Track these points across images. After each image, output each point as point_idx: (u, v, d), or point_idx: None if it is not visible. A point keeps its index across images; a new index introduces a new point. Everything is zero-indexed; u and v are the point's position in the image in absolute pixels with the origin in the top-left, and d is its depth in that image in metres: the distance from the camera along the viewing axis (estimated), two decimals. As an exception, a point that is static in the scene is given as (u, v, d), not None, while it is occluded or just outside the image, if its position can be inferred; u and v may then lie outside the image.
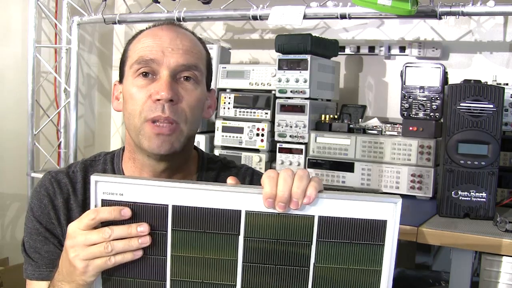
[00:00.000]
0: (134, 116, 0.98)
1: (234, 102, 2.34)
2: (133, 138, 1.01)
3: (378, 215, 0.77)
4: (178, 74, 0.99)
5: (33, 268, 1.03)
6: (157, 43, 0.99)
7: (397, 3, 1.91)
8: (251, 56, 2.80)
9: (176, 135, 0.97)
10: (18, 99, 2.73)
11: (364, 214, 0.77)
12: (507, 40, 2.28)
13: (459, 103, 1.66)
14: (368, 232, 0.77)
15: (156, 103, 0.96)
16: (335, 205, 0.77)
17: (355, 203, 0.77)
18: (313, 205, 0.76)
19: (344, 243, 0.77)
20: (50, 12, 2.88)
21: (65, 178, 1.06)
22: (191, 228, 0.78)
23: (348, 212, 0.77)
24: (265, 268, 0.78)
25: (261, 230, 0.77)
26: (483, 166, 1.65)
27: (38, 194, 1.05)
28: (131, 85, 0.99)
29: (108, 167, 1.09)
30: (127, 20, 2.65)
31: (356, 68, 2.59)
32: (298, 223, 0.77)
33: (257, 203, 0.77)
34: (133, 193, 0.79)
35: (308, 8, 2.20)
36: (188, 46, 1.01)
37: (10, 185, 2.76)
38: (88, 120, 3.14)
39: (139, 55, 0.99)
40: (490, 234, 1.49)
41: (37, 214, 1.03)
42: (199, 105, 1.02)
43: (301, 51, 2.17)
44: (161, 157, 1.00)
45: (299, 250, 0.77)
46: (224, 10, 2.38)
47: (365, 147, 2.04)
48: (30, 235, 1.04)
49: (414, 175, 1.95)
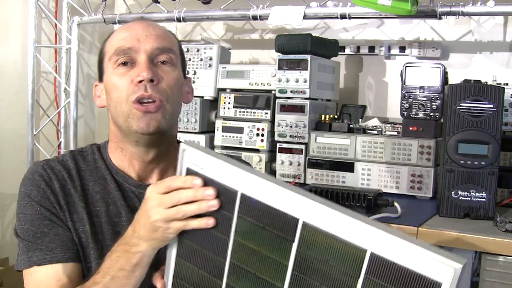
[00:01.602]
0: (121, 102, 1.03)
1: (234, 102, 2.34)
2: (121, 125, 1.05)
3: (434, 275, 0.66)
4: (155, 58, 1.05)
5: (43, 253, 1.00)
6: (132, 33, 1.06)
7: (397, 3, 1.91)
8: (251, 56, 2.80)
9: (161, 113, 1.03)
10: (18, 99, 2.73)
11: (419, 267, 0.67)
12: (507, 40, 2.28)
13: (459, 103, 1.66)
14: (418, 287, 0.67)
15: (138, 85, 1.02)
16: (391, 244, 0.68)
17: (412, 251, 0.67)
18: (368, 237, 0.69)
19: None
20: (50, 12, 2.88)
21: (58, 165, 1.07)
22: (254, 220, 0.79)
23: (402, 258, 0.68)
24: (311, 284, 0.75)
25: (314, 245, 0.74)
26: (483, 166, 1.65)
27: (33, 181, 1.04)
28: (112, 76, 1.05)
29: (97, 156, 1.12)
30: (127, 20, 2.64)
31: (356, 68, 2.59)
32: (350, 251, 0.71)
33: (316, 215, 0.73)
34: (212, 169, 0.81)
35: (308, 8, 2.20)
36: (160, 32, 1.09)
37: (10, 185, 2.76)
38: (88, 120, 3.14)
39: (116, 46, 1.06)
40: (490, 234, 1.49)
41: (37, 199, 1.03)
42: (178, 86, 1.08)
43: (301, 51, 2.17)
44: (150, 140, 1.05)
45: (346, 279, 0.72)
46: (224, 10, 2.38)
47: (365, 147, 2.04)
48: (32, 221, 1.02)
49: (414, 175, 1.95)
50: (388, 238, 0.68)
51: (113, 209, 1.06)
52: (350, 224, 0.71)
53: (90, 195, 1.06)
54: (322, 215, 0.73)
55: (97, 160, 1.11)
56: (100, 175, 1.09)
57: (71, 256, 1.01)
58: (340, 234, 0.72)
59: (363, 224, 0.70)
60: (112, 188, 1.08)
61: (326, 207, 0.72)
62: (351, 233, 0.71)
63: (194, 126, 2.39)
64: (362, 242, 0.70)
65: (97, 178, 1.08)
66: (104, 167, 1.10)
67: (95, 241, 1.03)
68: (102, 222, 1.05)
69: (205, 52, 2.42)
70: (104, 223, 1.05)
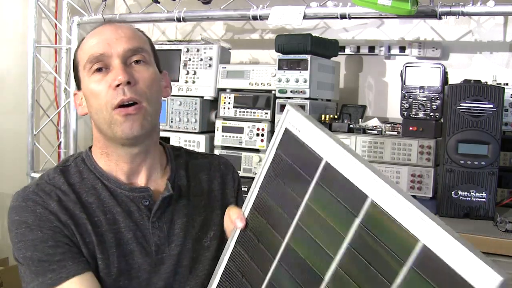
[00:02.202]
0: (101, 109, 1.03)
1: (234, 102, 2.34)
2: (104, 131, 1.05)
3: (479, 283, 0.63)
4: (128, 60, 1.05)
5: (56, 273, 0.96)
6: (102, 38, 1.06)
7: (397, 3, 1.91)
8: (251, 56, 2.80)
9: (142, 114, 1.03)
10: (18, 99, 2.74)
11: (465, 272, 0.65)
12: (507, 40, 2.28)
13: (459, 103, 1.66)
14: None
15: (116, 90, 1.01)
16: (444, 240, 0.68)
17: (464, 254, 0.65)
18: (423, 227, 0.69)
19: (431, 286, 0.67)
20: (50, 12, 2.88)
21: (48, 186, 1.05)
22: (329, 189, 0.80)
23: (452, 258, 0.66)
24: (360, 260, 0.76)
25: (376, 226, 0.75)
26: (483, 166, 1.65)
27: (26, 208, 1.01)
28: (89, 83, 1.05)
29: (81, 168, 1.10)
30: (127, 20, 2.64)
31: (356, 68, 2.59)
32: (404, 237, 0.71)
33: (384, 197, 0.73)
34: (307, 134, 0.84)
35: (308, 8, 2.20)
36: (129, 33, 1.08)
37: (10, 185, 2.74)
38: (88, 120, 3.11)
39: (89, 54, 1.05)
40: (490, 234, 1.49)
41: (35, 223, 0.99)
42: (155, 83, 1.08)
43: (301, 51, 2.17)
44: (136, 140, 1.05)
45: (392, 264, 0.72)
46: (224, 10, 2.38)
47: (365, 147, 2.04)
48: (34, 246, 0.98)
49: (414, 175, 1.95)
50: (444, 236, 0.68)
51: (110, 217, 1.05)
52: (413, 212, 0.72)
53: (87, 206, 1.05)
54: (390, 198, 0.74)
55: (83, 172, 1.09)
56: (90, 186, 1.07)
57: (84, 266, 0.99)
58: (400, 219, 0.73)
59: (423, 215, 0.71)
60: (105, 196, 1.07)
61: (395, 191, 0.73)
62: (410, 221, 0.72)
63: (194, 126, 2.39)
64: (418, 232, 0.70)
65: (87, 189, 1.07)
66: (93, 177, 1.08)
67: (101, 251, 1.02)
68: (103, 231, 1.03)
69: (205, 52, 2.42)
70: (105, 232, 1.04)
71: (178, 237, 1.10)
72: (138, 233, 1.06)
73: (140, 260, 1.05)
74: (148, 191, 1.08)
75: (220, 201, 1.20)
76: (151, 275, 1.05)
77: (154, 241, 1.06)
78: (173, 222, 1.10)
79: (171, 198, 1.10)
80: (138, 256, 1.05)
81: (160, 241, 1.07)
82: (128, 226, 1.05)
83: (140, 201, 1.07)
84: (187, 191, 1.15)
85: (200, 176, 1.20)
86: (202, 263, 1.13)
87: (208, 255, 1.14)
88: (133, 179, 1.11)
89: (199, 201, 1.16)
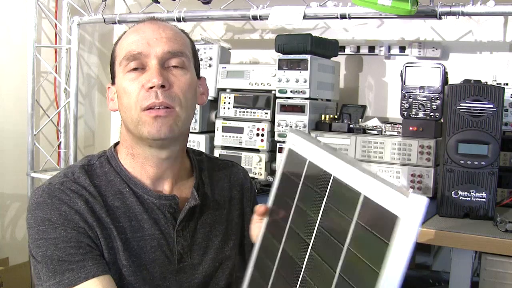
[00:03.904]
0: (130, 108, 1.00)
1: (234, 102, 2.34)
2: (132, 131, 1.02)
3: (393, 207, 0.63)
4: (166, 62, 1.02)
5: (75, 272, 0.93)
6: (142, 36, 1.03)
7: (397, 3, 1.91)
8: (251, 56, 2.80)
9: (173, 118, 1.00)
10: (18, 99, 2.74)
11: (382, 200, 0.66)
12: (507, 40, 2.28)
13: (459, 103, 1.66)
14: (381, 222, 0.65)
15: (149, 92, 0.99)
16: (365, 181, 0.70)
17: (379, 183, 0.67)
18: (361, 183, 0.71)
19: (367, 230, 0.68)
20: (50, 12, 2.88)
21: (74, 185, 1.01)
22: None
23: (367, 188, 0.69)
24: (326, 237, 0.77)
25: (336, 197, 0.77)
26: (483, 166, 1.65)
27: (51, 205, 0.97)
28: (123, 80, 1.02)
29: (107, 169, 1.06)
30: (127, 20, 2.65)
31: (356, 68, 2.59)
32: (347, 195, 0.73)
33: (346, 173, 0.75)
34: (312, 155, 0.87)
35: (308, 8, 2.20)
36: (171, 34, 1.05)
37: (10, 185, 2.76)
38: (88, 120, 3.14)
39: (126, 51, 1.02)
40: (490, 234, 1.49)
41: (59, 222, 0.96)
42: (190, 89, 1.05)
43: (301, 51, 2.17)
44: (163, 143, 1.02)
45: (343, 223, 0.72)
46: (224, 10, 2.38)
47: (365, 147, 2.04)
48: (56, 245, 0.95)
49: (414, 175, 1.95)
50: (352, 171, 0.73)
51: (135, 224, 1.02)
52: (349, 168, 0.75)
53: (112, 210, 1.01)
54: (345, 169, 0.76)
55: (108, 174, 1.05)
56: (117, 190, 1.03)
57: (104, 269, 0.96)
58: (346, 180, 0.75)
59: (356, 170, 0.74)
60: (132, 202, 1.03)
61: (350, 166, 0.75)
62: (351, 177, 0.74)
63: (194, 126, 2.39)
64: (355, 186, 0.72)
65: (114, 193, 1.03)
66: (119, 180, 1.04)
67: (126, 257, 0.99)
68: (128, 238, 1.00)
69: (205, 52, 2.42)
70: (130, 238, 1.01)
71: (200, 246, 1.08)
72: (162, 242, 1.03)
73: (162, 268, 1.03)
74: (175, 199, 1.05)
75: (238, 210, 1.18)
76: (171, 284, 1.03)
77: (177, 250, 1.04)
78: (196, 231, 1.08)
79: (196, 207, 1.08)
80: (161, 264, 1.02)
81: (183, 250, 1.05)
82: (154, 234, 1.02)
83: (166, 209, 1.04)
84: (210, 199, 1.13)
85: (222, 184, 1.18)
86: (223, 272, 1.12)
87: (229, 264, 1.13)
88: (158, 184, 1.07)
89: (222, 210, 1.14)
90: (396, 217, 0.62)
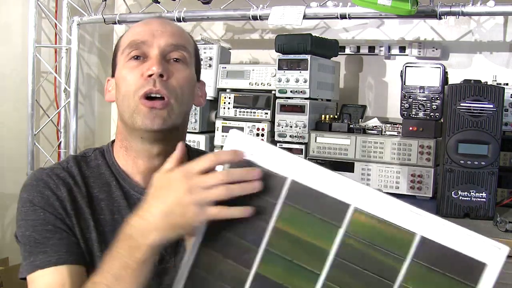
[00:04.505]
0: (128, 96, 1.01)
1: (234, 102, 2.34)
2: (126, 121, 1.02)
3: (480, 256, 0.73)
4: (168, 55, 1.03)
5: (47, 255, 0.95)
6: (148, 27, 1.04)
7: (397, 3, 1.91)
8: (251, 56, 2.80)
9: (167, 110, 1.00)
10: (18, 99, 2.73)
11: (466, 249, 0.73)
12: (507, 40, 2.28)
13: (459, 103, 1.66)
14: (464, 269, 0.73)
15: (147, 79, 0.99)
16: (440, 229, 0.74)
17: (461, 235, 0.74)
18: (419, 221, 0.74)
19: (437, 271, 0.74)
20: (50, 12, 2.88)
21: (63, 172, 1.03)
22: (300, 206, 0.78)
23: (451, 241, 0.73)
24: (352, 268, 0.76)
25: (363, 230, 0.76)
26: (483, 166, 1.65)
27: (36, 187, 1.01)
28: (124, 68, 1.03)
29: (100, 162, 1.08)
30: (127, 20, 2.65)
31: (356, 68, 2.59)
32: (399, 235, 0.75)
33: (368, 202, 0.76)
34: (261, 156, 0.80)
35: (308, 8, 2.20)
36: (176, 30, 1.07)
37: (10, 185, 2.76)
38: (88, 120, 3.14)
39: (130, 39, 1.03)
40: (490, 234, 1.49)
41: (40, 205, 0.99)
42: (188, 85, 1.05)
43: (301, 51, 2.17)
44: (155, 137, 1.02)
45: (391, 263, 0.75)
46: (224, 10, 2.38)
47: (365, 147, 2.04)
48: (34, 227, 0.98)
49: (414, 175, 1.95)
50: (436, 222, 0.73)
51: (118, 217, 1.02)
52: (400, 209, 0.75)
53: (96, 202, 1.03)
54: (373, 200, 0.76)
55: (101, 166, 1.07)
56: (105, 182, 1.05)
57: (76, 258, 0.96)
58: (390, 218, 0.75)
59: (411, 208, 0.74)
60: (117, 195, 1.04)
61: (377, 192, 0.75)
62: (400, 218, 0.75)
63: (194, 126, 2.39)
64: (412, 227, 0.74)
65: (101, 185, 1.05)
66: (109, 173, 1.06)
67: (101, 249, 0.99)
68: (106, 231, 1.01)
69: (205, 52, 2.42)
70: (108, 232, 1.00)
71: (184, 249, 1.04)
72: None
73: None
74: None
75: None
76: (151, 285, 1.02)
77: None
78: None
79: None
80: None
81: (165, 251, 1.03)
82: None
83: None
84: None
85: None
86: None
87: None
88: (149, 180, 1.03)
89: None
90: (484, 265, 0.73)
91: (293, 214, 0.79)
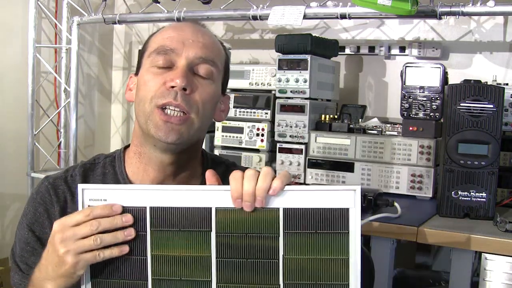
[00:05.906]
0: (144, 101, 0.97)
1: (234, 102, 2.34)
2: (141, 125, 0.99)
3: (341, 204, 0.79)
4: (195, 68, 0.98)
5: (19, 278, 0.99)
6: (179, 34, 1.00)
7: (397, 3, 1.91)
8: (251, 56, 2.80)
9: (186, 126, 0.96)
10: (18, 99, 2.74)
11: (326, 203, 0.80)
12: (507, 40, 2.28)
13: (459, 103, 1.66)
14: (332, 221, 0.80)
15: (169, 90, 0.95)
16: (298, 196, 0.80)
17: (317, 193, 0.80)
18: (277, 197, 0.79)
19: (309, 233, 0.80)
20: (50, 12, 2.88)
21: (63, 185, 1.02)
22: (168, 227, 0.82)
23: (311, 202, 0.80)
24: (237, 263, 0.81)
25: (231, 225, 0.81)
26: (483, 166, 1.65)
27: (34, 201, 1.02)
28: (147, 72, 0.99)
29: (108, 170, 1.05)
30: (127, 20, 2.65)
31: (356, 68, 2.59)
32: (265, 216, 0.80)
33: (227, 200, 0.80)
34: (115, 198, 0.84)
35: (308, 8, 2.20)
36: (209, 41, 1.02)
37: (10, 185, 2.76)
38: (88, 120, 3.14)
39: (159, 44, 0.99)
40: (490, 234, 1.49)
41: (30, 222, 1.00)
42: (212, 101, 1.01)
43: (301, 51, 2.17)
44: (168, 147, 0.98)
45: (268, 243, 0.80)
46: (224, 10, 2.38)
47: (365, 147, 2.04)
48: (19, 242, 1.01)
49: (414, 175, 1.95)
50: (293, 192, 0.80)
51: None
52: None
53: None
54: (229, 196, 0.80)
55: (106, 175, 1.04)
56: None
57: None
58: None
59: None
60: None
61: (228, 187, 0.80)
62: None
63: (194, 126, 2.39)
64: (272, 204, 0.80)
65: None
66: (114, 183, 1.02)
67: None
68: None
69: (205, 52, 2.42)
70: None
71: None
72: None
73: None
74: None
75: None
76: None
77: None
78: None
79: None
80: None
81: None
82: None
83: None
84: None
85: None
86: None
87: None
88: None
89: None
90: (347, 209, 0.79)
91: (164, 238, 0.83)
